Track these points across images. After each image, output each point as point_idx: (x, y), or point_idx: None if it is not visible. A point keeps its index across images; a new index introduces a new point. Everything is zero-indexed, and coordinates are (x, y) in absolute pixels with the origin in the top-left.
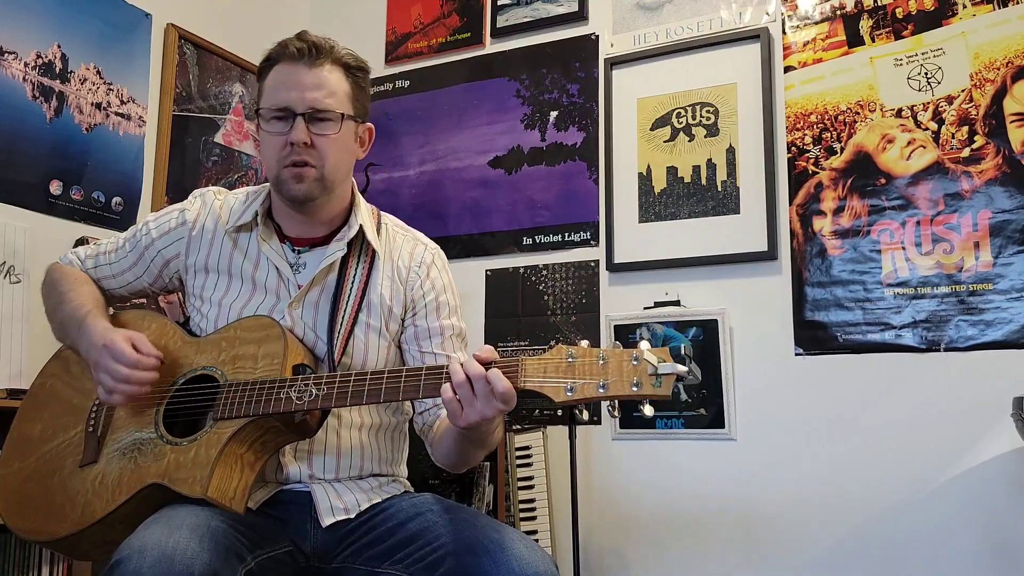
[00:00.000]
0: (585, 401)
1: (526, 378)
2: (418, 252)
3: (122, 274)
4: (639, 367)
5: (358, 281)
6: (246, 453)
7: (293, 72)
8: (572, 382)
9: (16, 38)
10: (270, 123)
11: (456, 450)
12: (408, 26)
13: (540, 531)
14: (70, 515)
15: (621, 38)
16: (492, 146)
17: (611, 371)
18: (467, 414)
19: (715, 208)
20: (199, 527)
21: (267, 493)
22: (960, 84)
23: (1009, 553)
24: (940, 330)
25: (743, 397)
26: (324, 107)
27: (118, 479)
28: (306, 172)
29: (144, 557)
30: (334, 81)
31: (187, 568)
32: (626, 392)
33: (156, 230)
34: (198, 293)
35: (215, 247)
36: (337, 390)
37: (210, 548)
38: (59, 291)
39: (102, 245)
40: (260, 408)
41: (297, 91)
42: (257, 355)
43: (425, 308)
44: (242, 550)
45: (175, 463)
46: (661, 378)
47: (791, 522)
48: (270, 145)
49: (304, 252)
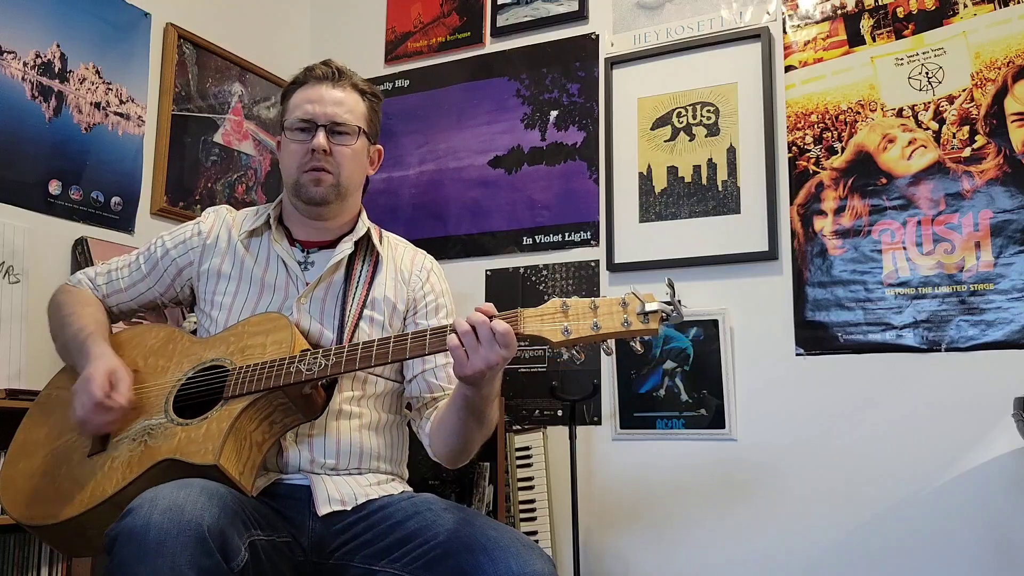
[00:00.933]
0: (581, 341)
1: (525, 323)
2: (419, 259)
3: (134, 286)
4: (628, 308)
5: (363, 279)
6: (255, 431)
7: (316, 89)
8: (567, 324)
9: (15, 37)
10: (294, 133)
11: (457, 428)
12: (408, 25)
13: (540, 531)
14: (78, 496)
15: (621, 37)
16: (492, 146)
17: (602, 313)
18: (472, 361)
19: (715, 208)
20: (209, 488)
21: (267, 481)
22: (961, 84)
23: (1010, 553)
24: (941, 330)
25: (743, 397)
26: (343, 120)
27: (128, 460)
28: (324, 177)
29: (155, 505)
30: (352, 101)
31: (197, 518)
32: (618, 328)
33: (171, 241)
34: (209, 298)
35: (228, 254)
36: (346, 357)
37: (219, 506)
38: (63, 313)
39: (113, 263)
40: (271, 383)
41: (320, 105)
42: (266, 343)
43: (426, 308)
44: (249, 523)
45: (186, 439)
46: (648, 315)
47: (791, 522)
48: (291, 153)
49: (313, 253)
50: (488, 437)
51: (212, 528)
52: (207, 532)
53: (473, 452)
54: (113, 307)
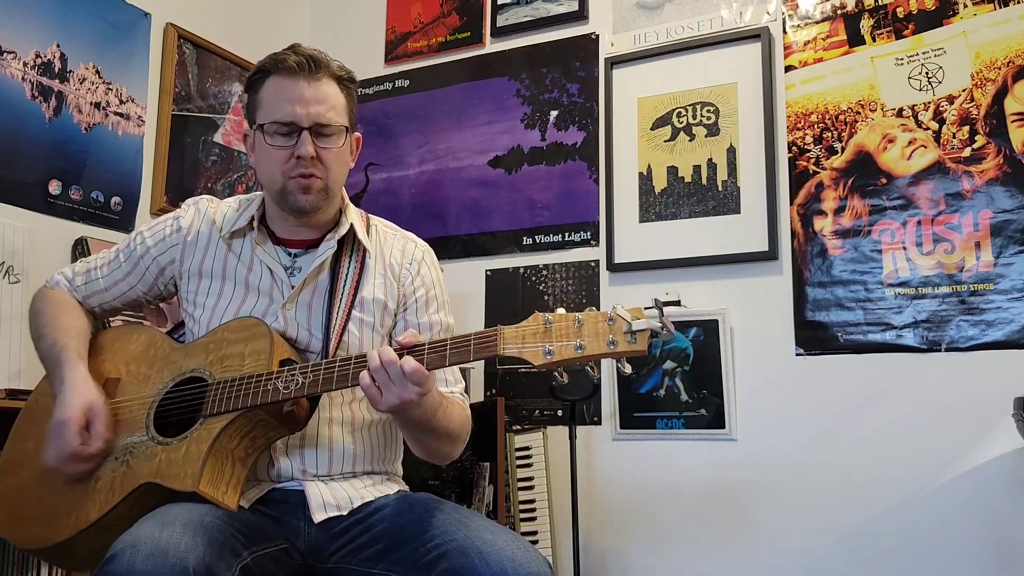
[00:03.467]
0: (564, 363)
1: (505, 345)
2: (408, 249)
3: (115, 285)
4: (614, 326)
5: (350, 279)
6: (236, 448)
7: (293, 86)
8: (550, 345)
9: (15, 37)
10: (273, 137)
11: (412, 439)
12: (408, 25)
13: (540, 531)
14: (64, 520)
15: (621, 37)
16: (492, 146)
17: (587, 332)
18: (386, 397)
19: (715, 208)
20: (193, 522)
21: (260, 491)
22: (961, 84)
23: (1010, 553)
24: (941, 330)
25: (743, 397)
26: (328, 121)
27: (111, 482)
28: (313, 183)
29: (137, 551)
30: (333, 95)
31: (181, 561)
32: (603, 351)
33: (151, 238)
34: (191, 299)
35: (210, 252)
36: (323, 375)
37: (204, 542)
38: (40, 323)
39: (91, 261)
40: (248, 401)
41: (301, 106)
42: (244, 353)
43: (415, 303)
44: (237, 546)
45: (167, 461)
46: (636, 335)
47: (792, 522)
48: (271, 158)
49: (300, 256)
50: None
51: (198, 568)
52: (192, 574)
53: (450, 453)
54: (95, 307)
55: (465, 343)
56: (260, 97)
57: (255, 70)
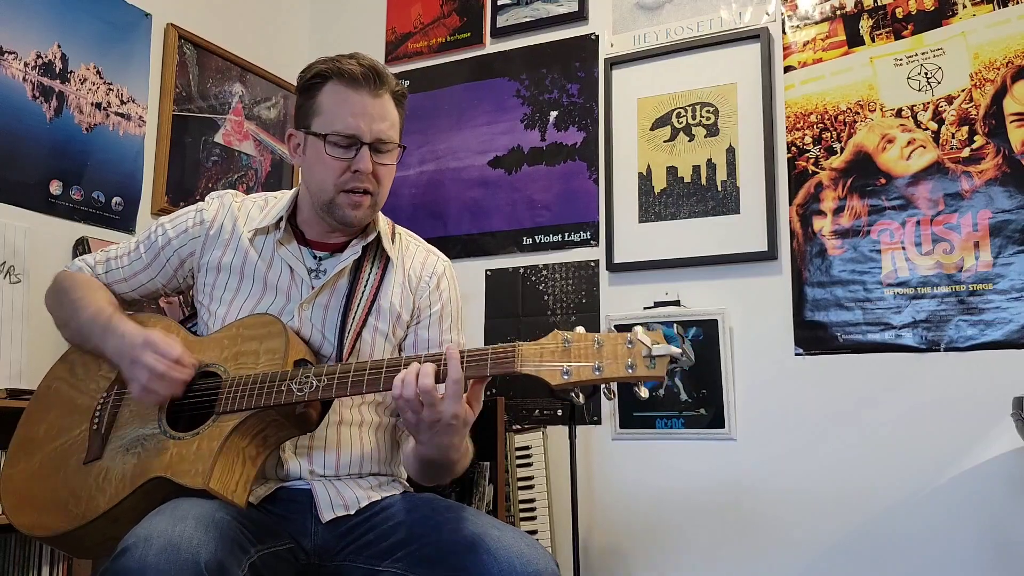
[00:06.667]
0: (581, 384)
1: (523, 362)
2: (430, 262)
3: (135, 276)
4: (633, 349)
5: (370, 286)
6: (248, 447)
7: (358, 99)
8: (568, 365)
9: (16, 38)
10: (332, 147)
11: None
12: (408, 26)
13: (540, 531)
14: (74, 510)
15: (621, 38)
16: (492, 146)
17: (606, 354)
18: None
19: (715, 208)
20: (204, 517)
21: (268, 489)
22: (960, 84)
23: (1009, 553)
24: (940, 330)
25: (743, 397)
26: (388, 138)
27: (121, 474)
28: (364, 200)
29: (150, 545)
30: (392, 112)
31: (193, 556)
32: (621, 374)
33: (173, 230)
34: (208, 292)
35: (231, 247)
36: (337, 380)
37: (215, 538)
38: (73, 297)
39: (111, 251)
40: (262, 401)
41: (365, 121)
42: (259, 351)
43: (430, 318)
44: (246, 542)
45: (178, 456)
46: (655, 360)
47: (791, 522)
48: (327, 167)
49: (325, 259)
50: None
51: (210, 563)
52: (204, 569)
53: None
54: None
55: (482, 357)
56: (319, 102)
57: (313, 73)
